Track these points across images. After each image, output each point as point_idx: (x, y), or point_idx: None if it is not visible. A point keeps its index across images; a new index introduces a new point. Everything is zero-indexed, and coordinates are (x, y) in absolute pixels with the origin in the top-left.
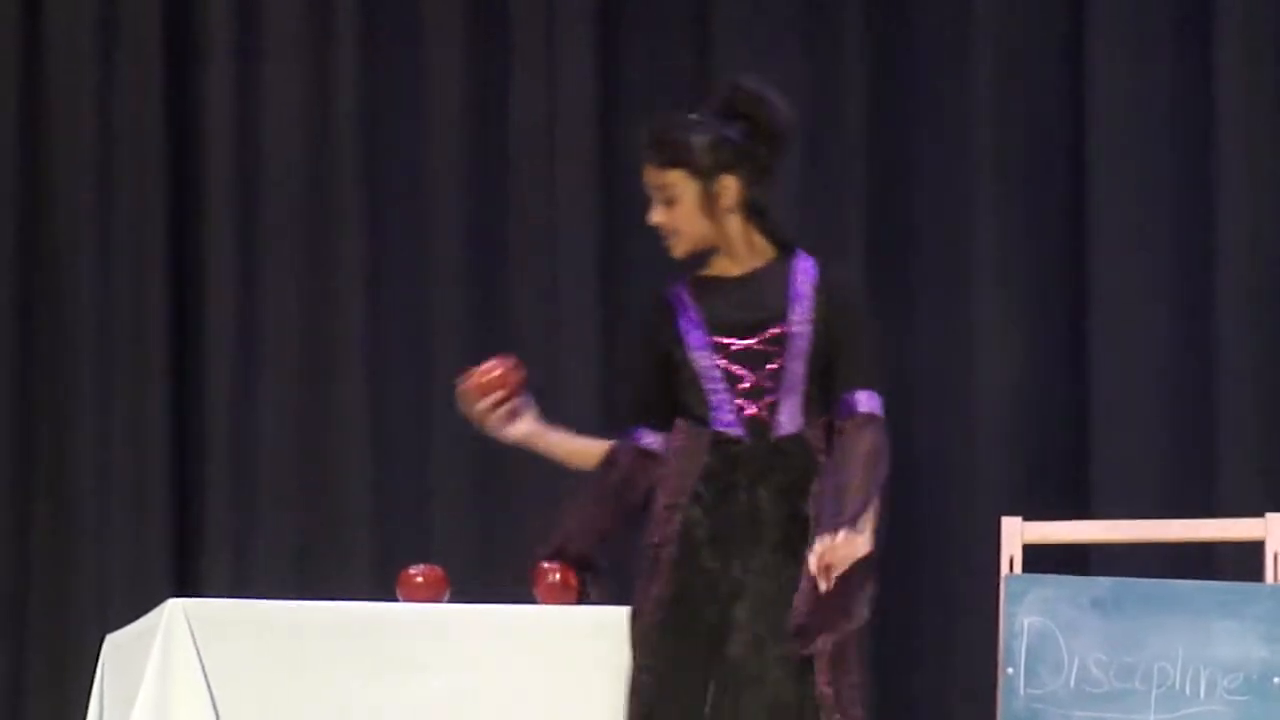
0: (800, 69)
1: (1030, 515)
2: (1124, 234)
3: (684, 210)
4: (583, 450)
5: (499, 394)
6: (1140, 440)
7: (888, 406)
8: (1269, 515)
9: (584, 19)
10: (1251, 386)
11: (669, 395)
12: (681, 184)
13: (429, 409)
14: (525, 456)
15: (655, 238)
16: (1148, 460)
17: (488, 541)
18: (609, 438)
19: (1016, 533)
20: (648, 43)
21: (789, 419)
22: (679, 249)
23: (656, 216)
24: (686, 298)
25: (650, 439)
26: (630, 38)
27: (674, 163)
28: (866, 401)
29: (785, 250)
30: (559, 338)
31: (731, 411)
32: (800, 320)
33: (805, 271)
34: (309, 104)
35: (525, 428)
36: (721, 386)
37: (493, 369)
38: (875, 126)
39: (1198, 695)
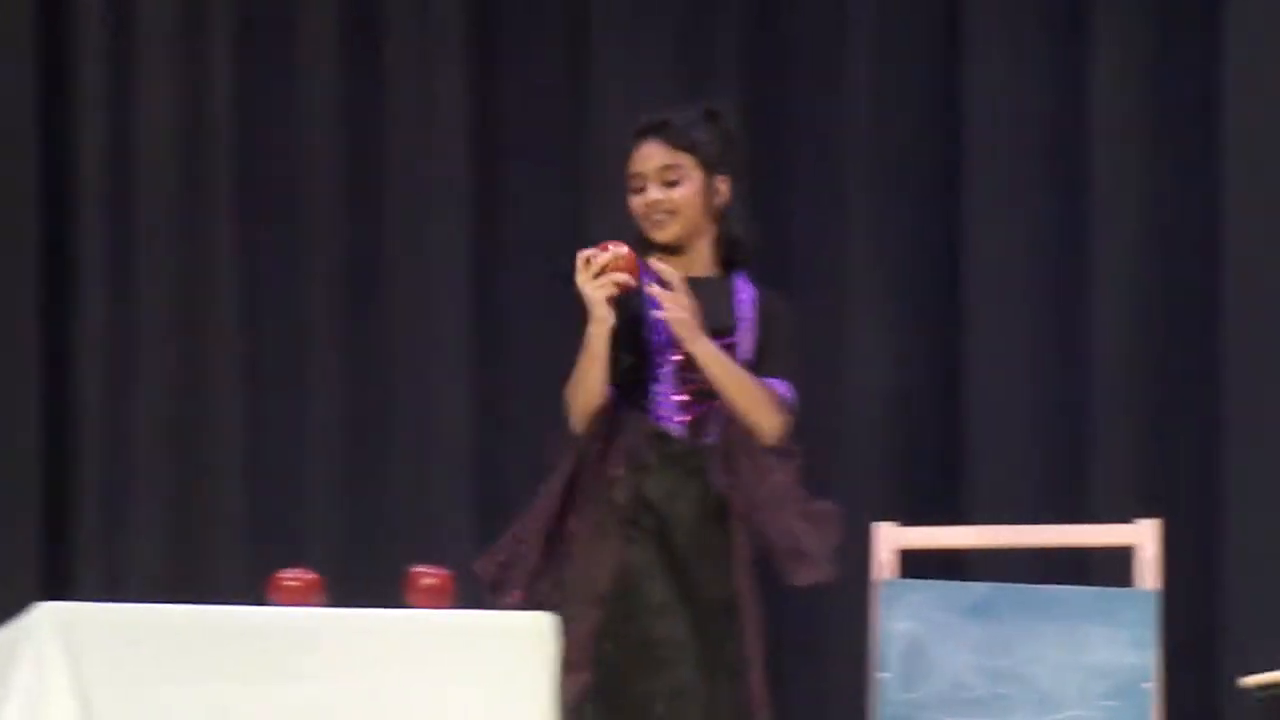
0: (673, 81)
1: (905, 521)
2: (999, 241)
3: (687, 194)
4: (601, 380)
5: (622, 276)
6: (1014, 447)
7: None
8: (1140, 521)
9: (457, 28)
10: (1124, 394)
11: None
12: (690, 169)
13: (302, 413)
14: (399, 460)
15: (527, 248)
16: (1022, 467)
17: (361, 545)
18: (487, 437)
19: (890, 538)
20: (522, 52)
21: (716, 428)
22: (669, 231)
23: (655, 194)
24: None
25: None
26: (505, 48)
27: (686, 147)
28: (779, 385)
29: (729, 268)
30: (432, 342)
31: (670, 409)
32: (743, 338)
33: (747, 293)
34: (182, 105)
35: (609, 322)
36: (670, 383)
37: (622, 250)
38: (750, 137)
39: (1069, 700)
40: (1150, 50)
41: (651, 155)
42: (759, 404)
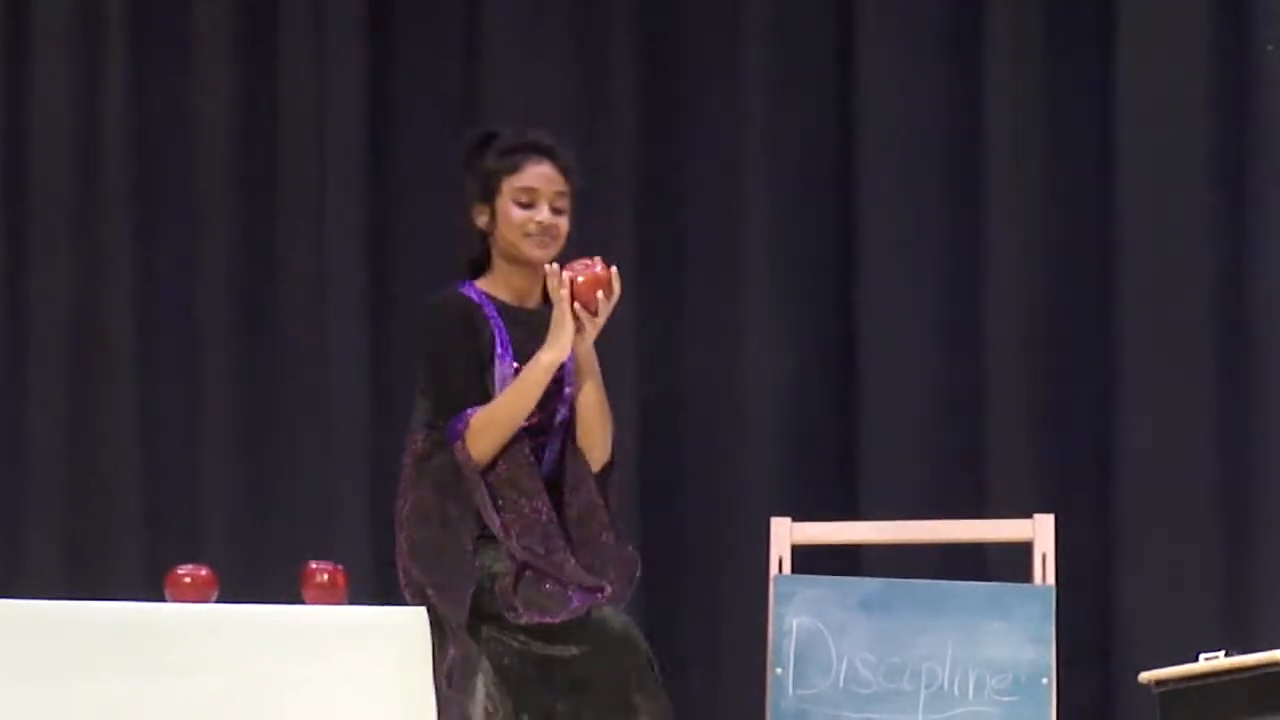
0: (569, 77)
1: (800, 516)
2: (893, 238)
3: (567, 225)
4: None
5: (599, 293)
6: (910, 442)
7: (658, 408)
8: (1037, 516)
9: (353, 24)
10: (1019, 388)
11: None
12: (569, 198)
13: (198, 410)
14: (296, 456)
15: (422, 244)
16: (917, 462)
17: (257, 542)
18: (383, 434)
19: (785, 534)
20: (417, 49)
21: (550, 461)
22: (548, 254)
23: (548, 215)
24: (495, 316)
25: None
26: (399, 43)
27: (572, 180)
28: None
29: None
30: (328, 340)
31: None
32: (569, 371)
33: None
34: (77, 104)
35: (585, 348)
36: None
37: (598, 266)
38: (645, 132)
39: (966, 695)
40: (1043, 39)
41: (549, 177)
42: (609, 433)
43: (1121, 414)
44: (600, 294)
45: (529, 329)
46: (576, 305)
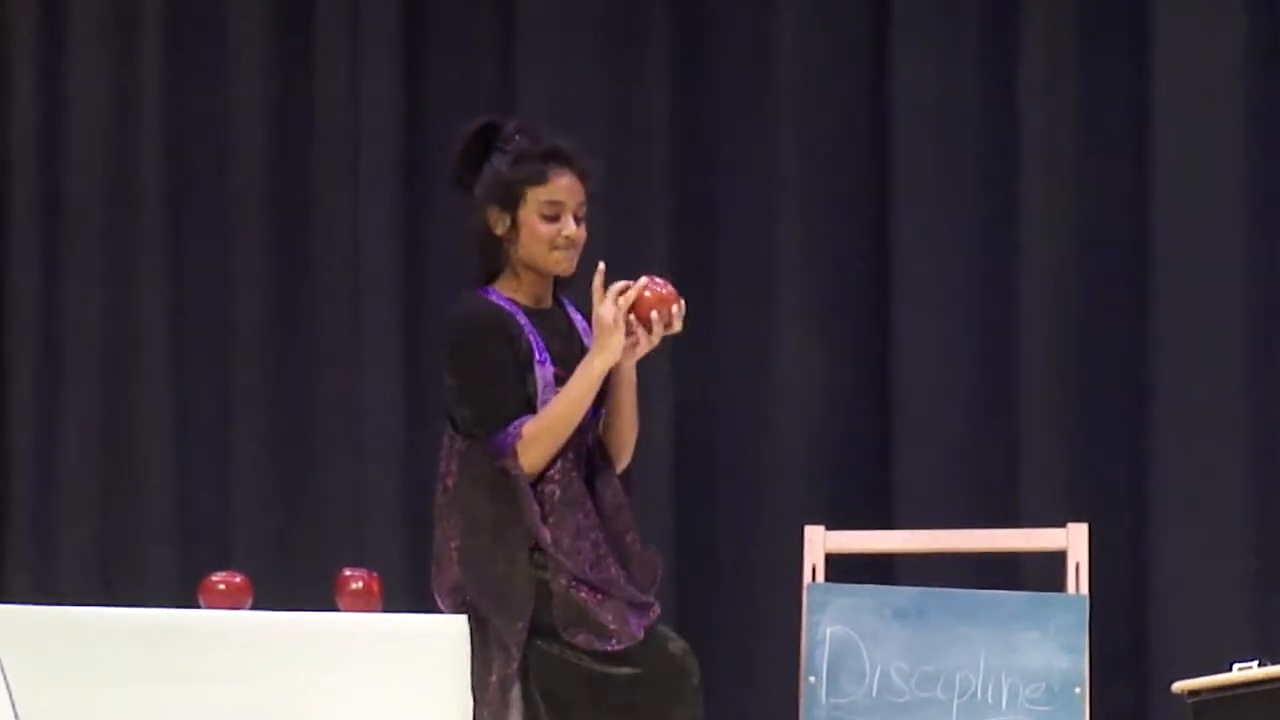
0: (603, 82)
1: (834, 525)
2: (927, 246)
3: (584, 235)
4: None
5: (655, 313)
6: (944, 451)
7: (692, 416)
8: (1070, 526)
9: (388, 27)
10: (1053, 398)
11: None
12: (587, 204)
13: (232, 417)
14: (330, 463)
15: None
16: (951, 471)
17: (290, 549)
18: (416, 441)
19: (819, 542)
20: (452, 54)
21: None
22: (569, 267)
23: (574, 228)
24: (525, 322)
25: None
26: (435, 49)
27: (589, 184)
28: None
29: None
30: (361, 346)
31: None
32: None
33: (578, 318)
34: (112, 104)
35: (632, 362)
36: None
37: (666, 289)
38: (679, 136)
39: (1000, 705)
40: (1078, 53)
41: (573, 188)
42: (633, 442)
43: (1155, 423)
44: (656, 314)
45: (552, 330)
46: (633, 317)
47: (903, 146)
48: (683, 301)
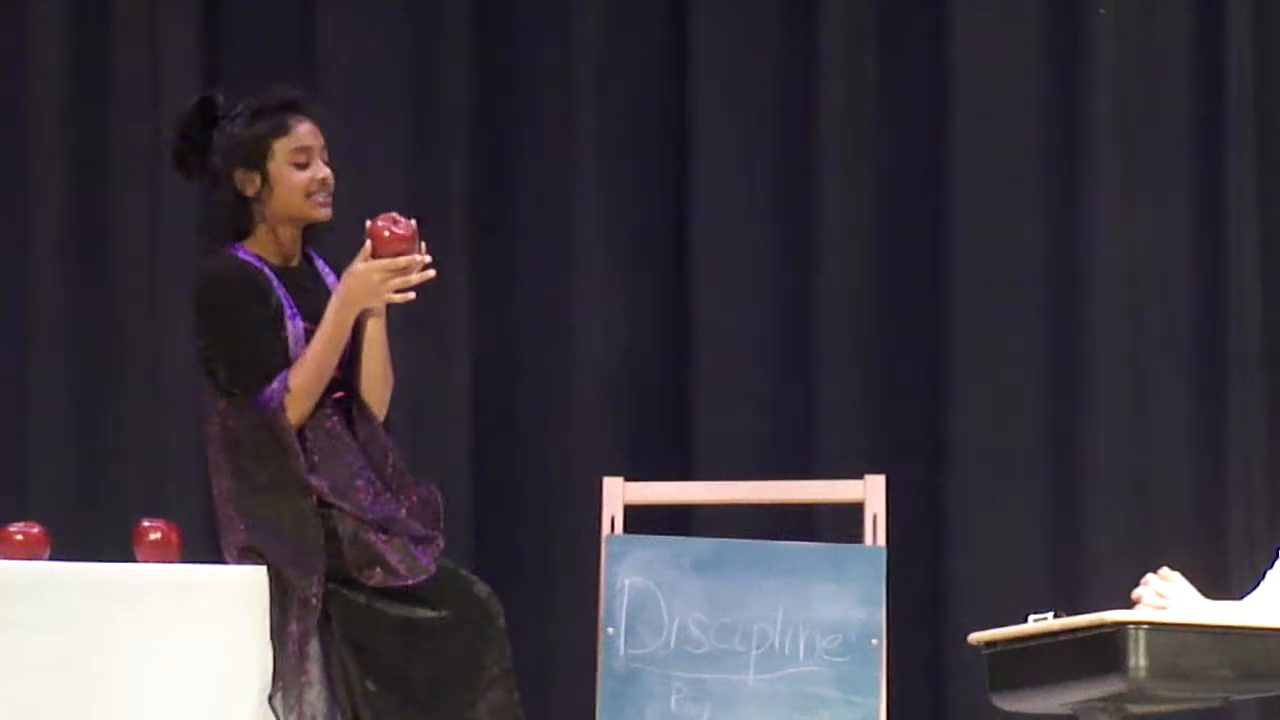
0: (403, 41)
1: (632, 476)
2: (726, 200)
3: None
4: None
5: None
6: (742, 403)
7: (492, 369)
8: (868, 477)
9: None
10: (851, 351)
11: None
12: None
13: (30, 367)
14: (129, 413)
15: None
16: (750, 423)
17: (88, 500)
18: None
19: (618, 493)
20: (251, 9)
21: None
22: (329, 210)
23: (326, 172)
24: (274, 278)
25: None
26: (235, 11)
27: (325, 128)
28: None
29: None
30: (158, 297)
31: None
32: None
33: (328, 273)
34: None
35: (381, 310)
36: None
37: (402, 226)
38: (478, 97)
39: (797, 655)
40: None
41: (315, 133)
42: (389, 388)
43: (953, 375)
44: (398, 253)
45: (300, 286)
46: (386, 261)
47: (702, 102)
48: (423, 245)
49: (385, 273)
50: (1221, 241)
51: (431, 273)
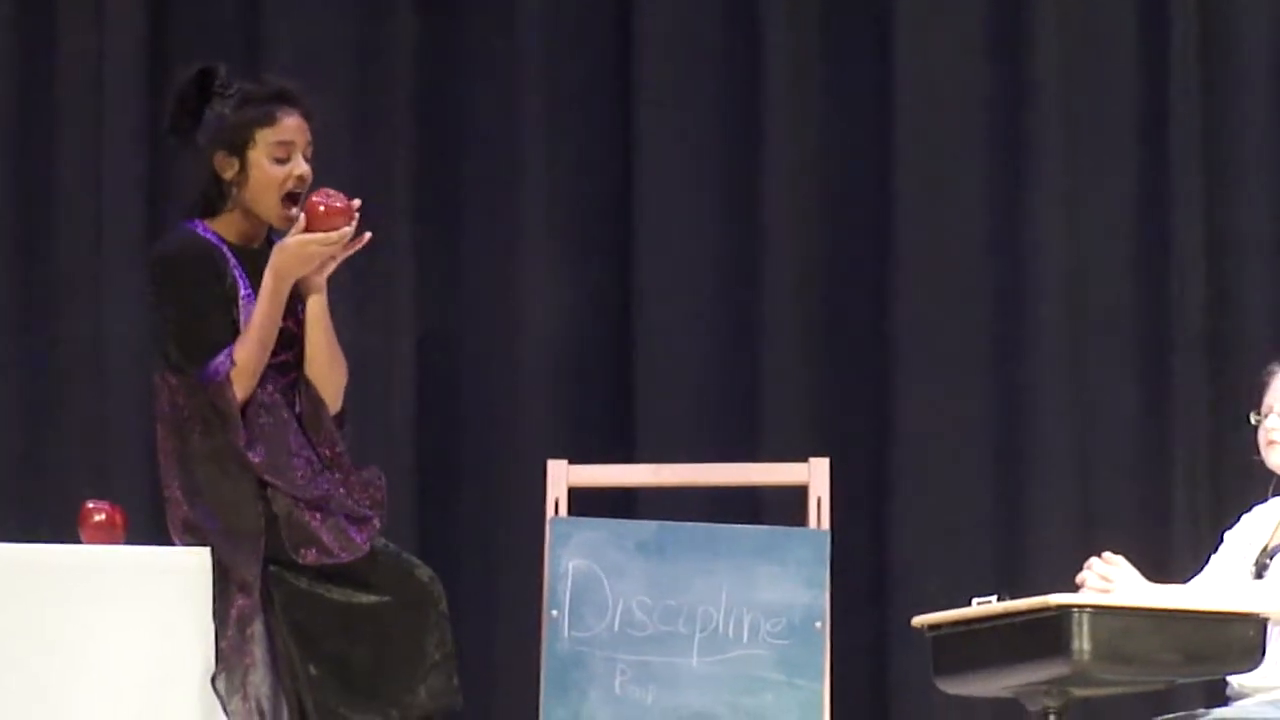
0: (349, 25)
1: (576, 459)
2: (670, 180)
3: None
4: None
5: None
6: (686, 385)
7: (437, 350)
8: (812, 460)
9: None
10: (795, 334)
11: None
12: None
13: None
14: (70, 396)
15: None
16: (694, 405)
17: (32, 481)
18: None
19: (562, 476)
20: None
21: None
22: (297, 217)
23: (305, 169)
24: (232, 258)
25: None
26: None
27: (314, 123)
28: None
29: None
30: (103, 277)
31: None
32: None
33: None
34: None
35: (321, 286)
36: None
37: (339, 201)
38: (425, 79)
39: (740, 638)
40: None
41: (301, 128)
42: (342, 371)
43: (898, 358)
44: (331, 227)
45: (258, 269)
46: (319, 235)
47: (648, 78)
48: (357, 216)
49: (317, 244)
50: (1164, 227)
51: (364, 240)
